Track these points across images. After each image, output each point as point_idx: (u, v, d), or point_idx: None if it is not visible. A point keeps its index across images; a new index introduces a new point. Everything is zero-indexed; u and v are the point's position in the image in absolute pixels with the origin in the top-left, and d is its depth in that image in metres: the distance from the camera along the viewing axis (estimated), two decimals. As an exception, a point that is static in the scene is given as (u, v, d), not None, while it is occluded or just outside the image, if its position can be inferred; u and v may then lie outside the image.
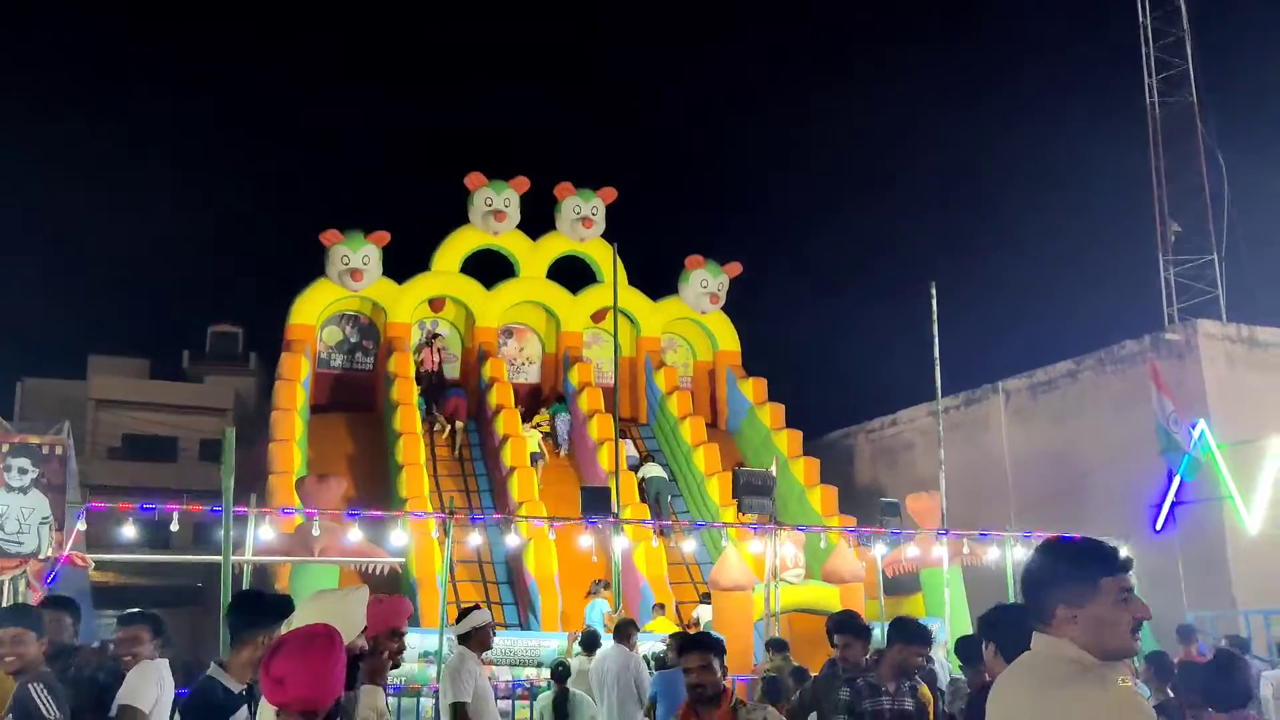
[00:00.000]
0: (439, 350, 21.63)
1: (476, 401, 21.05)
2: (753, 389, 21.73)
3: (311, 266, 21.05)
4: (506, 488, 18.36)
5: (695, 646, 4.66)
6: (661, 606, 16.04)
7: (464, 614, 6.74)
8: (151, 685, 5.54)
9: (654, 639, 12.64)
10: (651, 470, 19.37)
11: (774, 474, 14.40)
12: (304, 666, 3.17)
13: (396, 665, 4.92)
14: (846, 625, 6.28)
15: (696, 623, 16.00)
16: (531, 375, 22.49)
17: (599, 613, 14.93)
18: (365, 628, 4.36)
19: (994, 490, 20.26)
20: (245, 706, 4.21)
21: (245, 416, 36.98)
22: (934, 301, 14.94)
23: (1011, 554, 14.78)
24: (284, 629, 4.00)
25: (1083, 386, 19.79)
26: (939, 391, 15.13)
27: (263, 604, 4.41)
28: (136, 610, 6.12)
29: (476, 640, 6.60)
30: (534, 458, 19.19)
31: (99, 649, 5.66)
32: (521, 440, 19.04)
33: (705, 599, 16.33)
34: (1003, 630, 4.36)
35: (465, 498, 18.91)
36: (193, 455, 34.83)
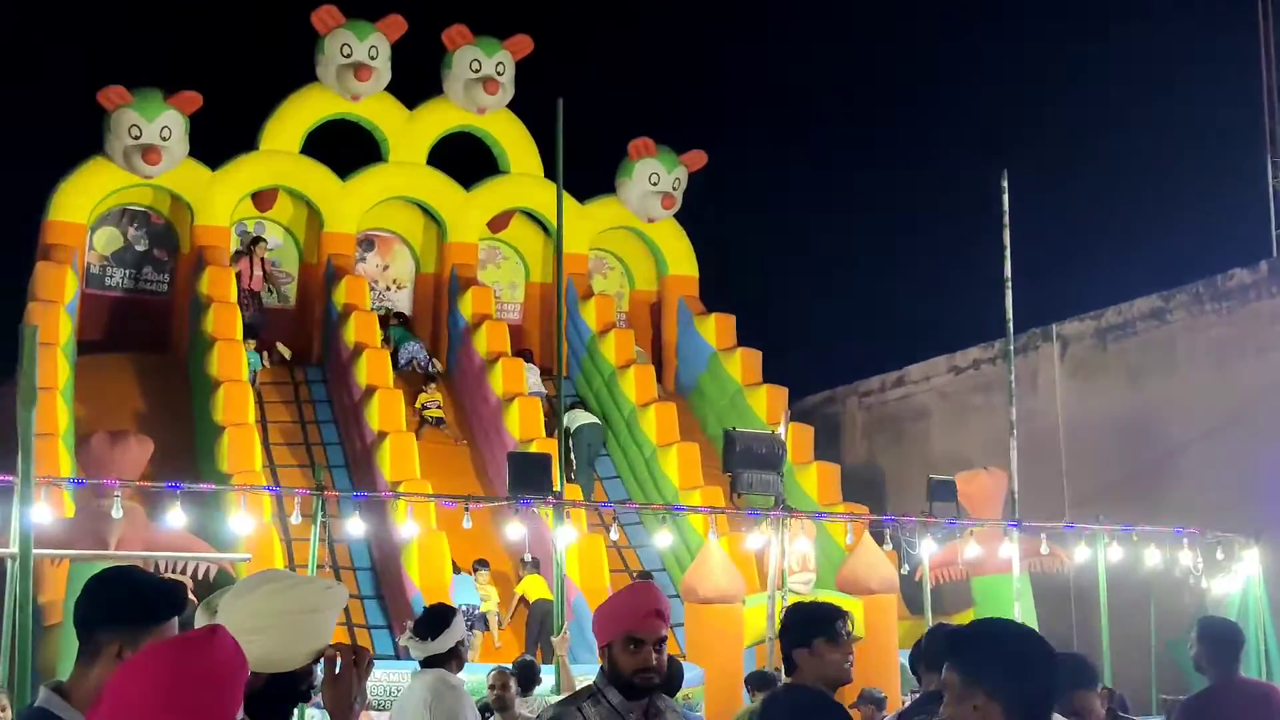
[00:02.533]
0: (261, 261, 20.31)
1: (323, 339, 20.08)
2: (716, 330, 21.08)
3: (78, 143, 19.82)
4: (374, 461, 17.33)
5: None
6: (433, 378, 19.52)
7: (432, 619, 6.36)
8: None
9: None
10: (580, 418, 18.69)
11: (783, 438, 13.59)
12: (119, 681, 2.82)
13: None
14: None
15: (523, 602, 16.01)
16: (401, 303, 21.67)
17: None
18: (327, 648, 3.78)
19: (1042, 473, 19.74)
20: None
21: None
22: (1006, 198, 14.24)
23: (1104, 555, 14.28)
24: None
25: (1172, 331, 19.43)
26: (1010, 323, 14.56)
27: (133, 592, 3.66)
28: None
29: (457, 661, 6.25)
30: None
31: None
32: (393, 395, 17.94)
33: (531, 564, 16.15)
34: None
35: (311, 474, 17.72)
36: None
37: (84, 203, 19.47)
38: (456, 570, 15.88)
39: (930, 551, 14.14)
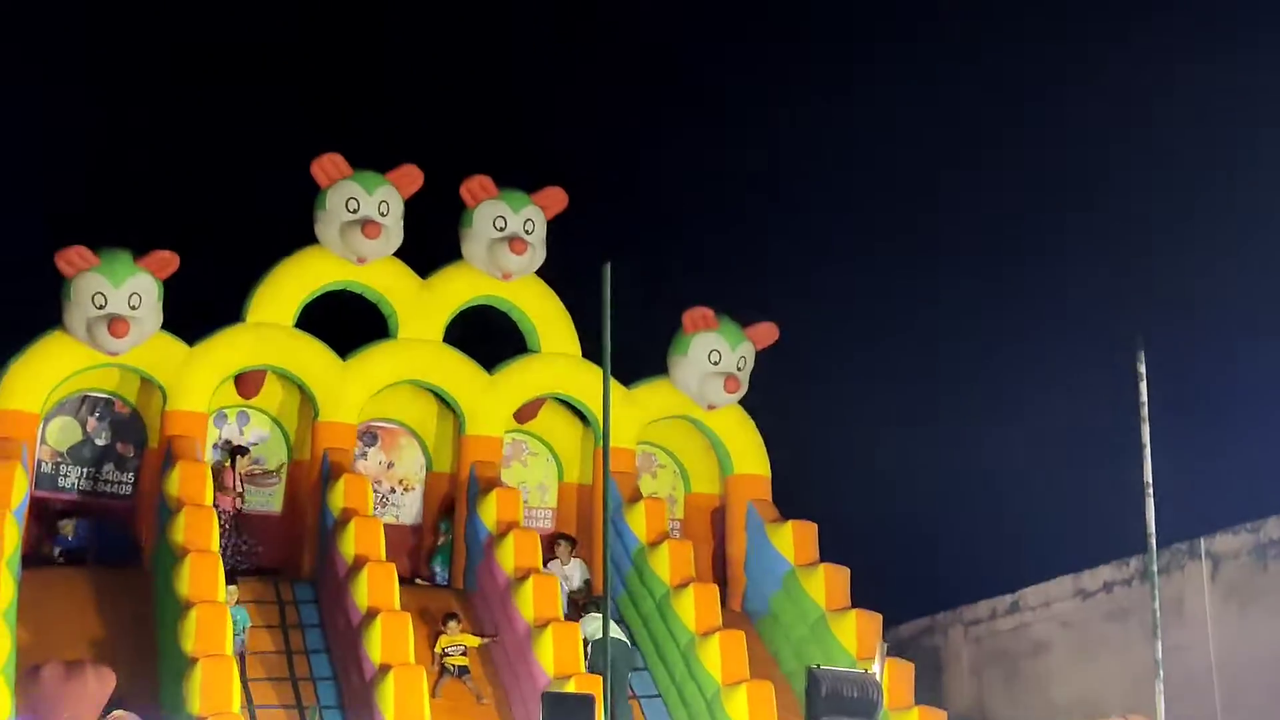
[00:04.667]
0: (240, 478, 20.82)
1: (316, 551, 20.34)
2: (794, 541, 21.12)
3: (32, 316, 20.30)
4: (374, 701, 17.46)
5: None
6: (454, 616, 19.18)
7: None
8: None
9: None
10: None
11: (879, 678, 13.75)
12: None
13: None
14: None
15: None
16: (408, 510, 21.95)
17: None
18: None
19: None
20: None
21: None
22: (1144, 385, 14.54)
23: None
24: None
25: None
26: (1152, 537, 14.66)
27: None
28: None
29: None
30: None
31: None
32: (399, 619, 18.16)
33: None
34: None
35: (299, 718, 18.03)
36: None
37: (38, 387, 19.77)
38: None
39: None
